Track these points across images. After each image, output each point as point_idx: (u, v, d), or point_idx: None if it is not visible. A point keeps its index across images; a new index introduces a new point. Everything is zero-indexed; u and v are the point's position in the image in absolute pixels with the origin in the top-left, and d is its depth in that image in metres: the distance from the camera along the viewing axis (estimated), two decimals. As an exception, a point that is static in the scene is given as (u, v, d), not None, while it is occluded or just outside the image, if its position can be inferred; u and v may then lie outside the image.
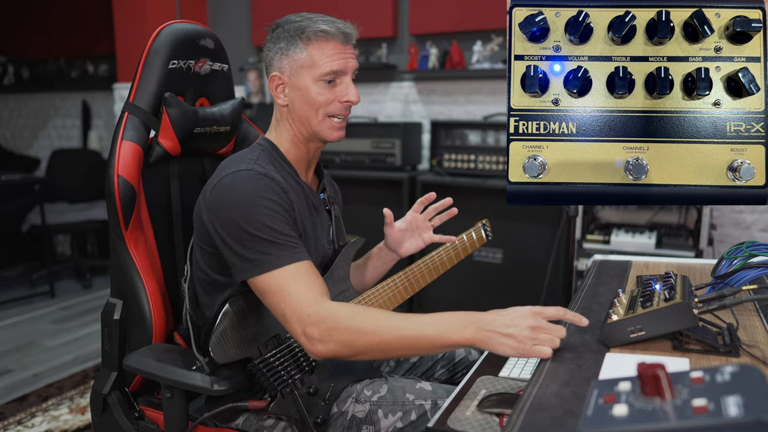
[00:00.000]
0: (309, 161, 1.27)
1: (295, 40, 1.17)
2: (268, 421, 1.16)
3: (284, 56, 1.18)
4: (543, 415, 0.71)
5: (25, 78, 5.19)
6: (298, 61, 1.17)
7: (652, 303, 0.92)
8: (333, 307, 1.04)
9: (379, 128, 3.16)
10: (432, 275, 1.43)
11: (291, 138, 1.23)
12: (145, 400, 1.28)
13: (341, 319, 1.01)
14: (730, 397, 0.55)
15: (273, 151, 1.21)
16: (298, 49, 1.16)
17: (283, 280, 1.05)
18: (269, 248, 1.06)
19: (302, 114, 1.19)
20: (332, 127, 1.20)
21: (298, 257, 1.07)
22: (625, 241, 2.49)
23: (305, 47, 1.16)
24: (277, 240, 1.07)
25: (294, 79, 1.18)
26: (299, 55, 1.16)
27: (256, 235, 1.06)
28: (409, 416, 1.14)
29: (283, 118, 1.23)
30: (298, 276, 1.06)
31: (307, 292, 1.04)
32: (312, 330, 1.02)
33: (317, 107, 1.18)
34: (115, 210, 1.18)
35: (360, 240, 1.36)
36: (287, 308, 1.04)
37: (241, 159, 1.16)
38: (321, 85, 1.17)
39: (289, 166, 1.22)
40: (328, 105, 1.18)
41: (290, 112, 1.21)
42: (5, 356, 2.93)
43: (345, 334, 1.01)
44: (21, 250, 4.54)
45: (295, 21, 1.18)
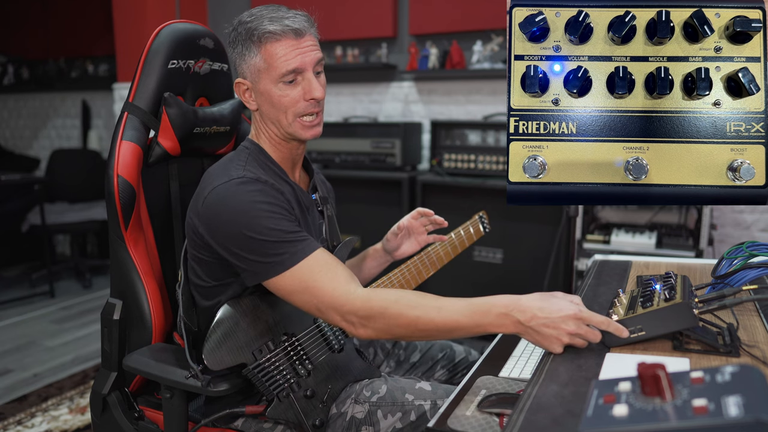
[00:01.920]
0: (294, 160, 1.25)
1: (248, 44, 1.14)
2: (267, 424, 1.16)
3: (242, 61, 1.16)
4: (543, 415, 0.71)
5: (25, 78, 5.19)
6: (254, 65, 1.14)
7: (652, 303, 0.92)
8: (365, 295, 1.04)
9: (379, 128, 3.16)
10: (429, 270, 1.43)
11: (270, 140, 1.21)
12: (144, 400, 1.28)
13: (375, 309, 1.02)
14: (730, 397, 0.55)
15: (259, 153, 1.20)
16: (252, 54, 1.14)
17: (306, 276, 1.05)
18: (281, 248, 1.06)
19: (272, 117, 1.17)
20: (304, 127, 1.17)
21: (311, 248, 1.07)
22: (625, 241, 2.49)
23: (258, 51, 1.13)
24: (286, 238, 1.06)
25: (256, 84, 1.16)
26: (254, 60, 1.14)
27: (264, 239, 1.05)
28: (408, 417, 1.14)
29: (258, 122, 1.22)
30: (318, 267, 1.06)
31: (335, 283, 1.05)
32: (351, 317, 1.03)
33: (284, 109, 1.15)
34: (114, 210, 1.18)
35: (354, 239, 1.35)
36: (320, 303, 1.05)
37: (230, 166, 1.15)
38: (282, 87, 1.13)
39: (276, 166, 1.21)
40: (294, 105, 1.15)
41: (261, 115, 1.19)
42: (5, 356, 2.93)
43: (380, 322, 1.02)
44: (21, 250, 4.54)
45: (246, 22, 1.14)
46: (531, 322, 0.93)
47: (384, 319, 1.01)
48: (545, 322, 0.92)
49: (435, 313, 1.00)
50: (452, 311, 0.99)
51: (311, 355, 1.17)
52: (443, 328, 1.00)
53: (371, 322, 1.02)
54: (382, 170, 3.13)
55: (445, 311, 1.00)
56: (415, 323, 1.00)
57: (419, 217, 1.43)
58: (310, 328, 1.20)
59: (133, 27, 3.77)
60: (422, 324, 1.00)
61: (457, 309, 0.99)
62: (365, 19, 3.46)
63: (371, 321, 1.02)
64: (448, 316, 0.99)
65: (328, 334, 1.21)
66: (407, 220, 1.43)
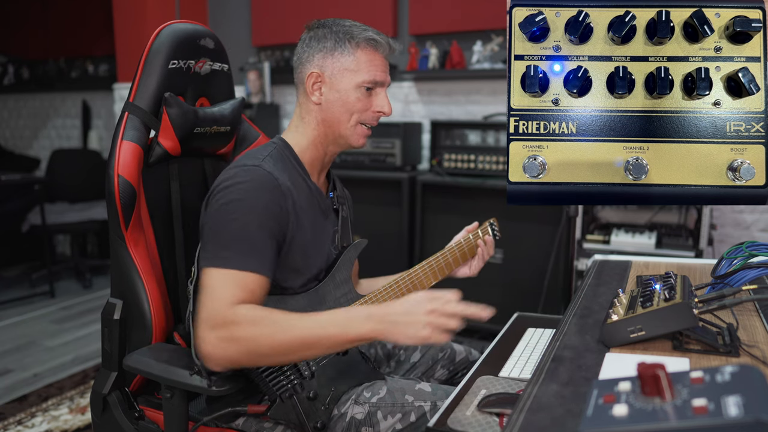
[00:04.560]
0: (324, 164, 1.27)
1: (343, 42, 1.18)
2: (268, 424, 1.16)
3: (329, 55, 1.18)
4: (543, 415, 0.71)
5: (25, 78, 5.19)
6: (343, 63, 1.18)
7: (652, 303, 0.92)
8: (241, 310, 1.02)
9: (379, 128, 3.15)
10: (437, 276, 1.39)
11: (313, 138, 1.23)
12: (145, 400, 1.28)
13: (246, 321, 1.01)
14: (730, 397, 0.55)
15: (286, 149, 1.21)
16: (345, 52, 1.18)
17: (220, 281, 1.04)
18: (232, 246, 1.06)
19: (334, 115, 1.20)
20: (361, 134, 1.22)
21: (251, 267, 1.05)
22: (625, 241, 2.49)
23: (353, 51, 1.18)
24: (244, 243, 1.06)
25: (334, 80, 1.18)
26: (346, 58, 1.18)
27: (231, 229, 1.06)
28: (408, 418, 1.14)
29: (309, 117, 1.22)
30: (236, 284, 1.04)
31: (232, 298, 1.03)
32: (210, 334, 1.01)
33: (352, 112, 1.19)
34: (115, 210, 1.18)
35: (363, 242, 1.34)
36: (202, 308, 1.04)
37: (252, 155, 1.17)
38: (360, 92, 1.18)
39: (302, 167, 1.22)
40: (363, 112, 1.20)
41: (321, 111, 1.21)
42: (5, 356, 2.93)
43: (246, 339, 1.00)
44: (21, 250, 4.54)
45: (345, 24, 1.20)
46: (390, 315, 0.98)
47: (250, 327, 1.00)
48: (401, 309, 0.98)
49: (298, 322, 1.01)
50: (317, 321, 1.01)
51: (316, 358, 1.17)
52: (309, 338, 1.00)
53: (235, 329, 1.00)
54: (382, 170, 3.13)
55: (309, 320, 1.02)
56: (277, 335, 1.00)
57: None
58: (314, 328, 1.19)
59: (133, 27, 3.78)
60: (284, 336, 1.00)
61: (322, 319, 1.02)
62: (365, 19, 3.43)
63: (234, 327, 1.00)
64: (314, 326, 1.01)
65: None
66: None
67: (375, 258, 3.07)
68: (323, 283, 1.22)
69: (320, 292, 1.22)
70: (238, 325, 1.00)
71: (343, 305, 1.24)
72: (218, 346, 1.01)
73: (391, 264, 2.79)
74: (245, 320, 1.00)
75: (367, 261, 2.68)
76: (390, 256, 3.12)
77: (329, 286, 1.23)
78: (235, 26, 3.93)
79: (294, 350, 1.01)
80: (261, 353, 1.01)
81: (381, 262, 2.62)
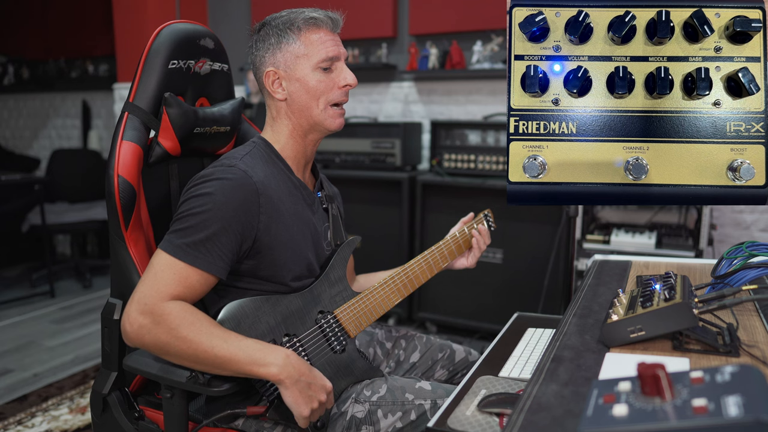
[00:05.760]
0: (306, 158, 1.26)
1: (285, 33, 1.18)
2: (267, 423, 1.16)
3: (277, 50, 1.19)
4: (543, 415, 0.71)
5: (25, 78, 5.19)
6: (292, 51, 1.18)
7: (652, 303, 0.92)
8: (172, 307, 1.04)
9: (379, 128, 3.16)
10: (433, 270, 1.39)
11: (289, 132, 1.22)
12: (145, 400, 1.28)
13: (170, 320, 1.02)
14: (730, 397, 0.55)
15: (266, 147, 1.21)
16: (290, 41, 1.18)
17: (165, 268, 1.05)
18: (188, 238, 1.06)
19: (303, 105, 1.20)
20: (335, 115, 1.21)
21: (199, 264, 1.06)
22: (625, 241, 2.49)
23: (297, 37, 1.17)
24: (201, 238, 1.06)
25: (290, 71, 1.18)
26: (293, 46, 1.17)
27: (192, 222, 1.07)
28: (408, 416, 1.14)
29: (280, 114, 1.23)
30: (179, 276, 1.05)
31: (169, 289, 1.04)
32: (136, 316, 1.03)
33: (318, 95, 1.19)
34: (115, 210, 1.18)
35: (356, 239, 1.34)
36: (140, 286, 1.05)
37: (230, 155, 1.17)
38: (319, 73, 1.18)
39: (283, 163, 1.22)
40: (329, 92, 1.19)
41: (289, 105, 1.21)
42: (5, 356, 2.93)
43: (163, 335, 1.02)
44: (21, 250, 4.54)
45: (282, 16, 1.20)
46: (302, 376, 1.03)
47: (171, 333, 1.02)
48: (312, 382, 1.04)
49: (220, 340, 1.02)
50: (237, 345, 1.02)
51: (313, 356, 1.17)
52: (221, 357, 1.02)
53: (156, 331, 1.02)
54: (382, 170, 3.13)
55: (230, 342, 1.02)
56: (195, 344, 1.02)
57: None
58: (312, 329, 1.19)
59: (133, 27, 3.78)
60: (201, 348, 1.02)
61: (243, 344, 1.03)
62: (365, 19, 3.46)
63: (157, 322, 1.02)
64: (231, 348, 1.02)
65: (330, 335, 1.21)
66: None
67: (375, 258, 3.08)
68: (318, 282, 1.22)
69: (315, 292, 1.22)
70: (160, 323, 1.02)
71: (338, 303, 1.24)
72: (137, 330, 1.03)
73: (391, 264, 2.77)
74: (169, 320, 1.02)
75: (367, 261, 2.69)
76: (390, 256, 3.12)
77: (324, 285, 1.23)
78: (235, 26, 3.93)
79: (201, 363, 1.03)
80: (170, 354, 1.04)
81: (381, 262, 2.62)
